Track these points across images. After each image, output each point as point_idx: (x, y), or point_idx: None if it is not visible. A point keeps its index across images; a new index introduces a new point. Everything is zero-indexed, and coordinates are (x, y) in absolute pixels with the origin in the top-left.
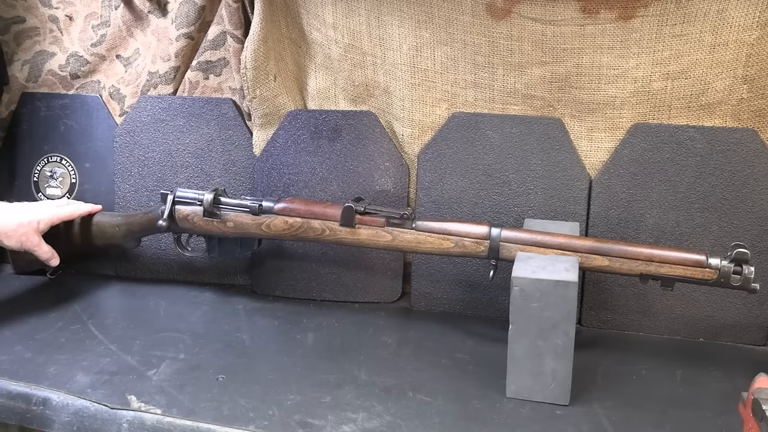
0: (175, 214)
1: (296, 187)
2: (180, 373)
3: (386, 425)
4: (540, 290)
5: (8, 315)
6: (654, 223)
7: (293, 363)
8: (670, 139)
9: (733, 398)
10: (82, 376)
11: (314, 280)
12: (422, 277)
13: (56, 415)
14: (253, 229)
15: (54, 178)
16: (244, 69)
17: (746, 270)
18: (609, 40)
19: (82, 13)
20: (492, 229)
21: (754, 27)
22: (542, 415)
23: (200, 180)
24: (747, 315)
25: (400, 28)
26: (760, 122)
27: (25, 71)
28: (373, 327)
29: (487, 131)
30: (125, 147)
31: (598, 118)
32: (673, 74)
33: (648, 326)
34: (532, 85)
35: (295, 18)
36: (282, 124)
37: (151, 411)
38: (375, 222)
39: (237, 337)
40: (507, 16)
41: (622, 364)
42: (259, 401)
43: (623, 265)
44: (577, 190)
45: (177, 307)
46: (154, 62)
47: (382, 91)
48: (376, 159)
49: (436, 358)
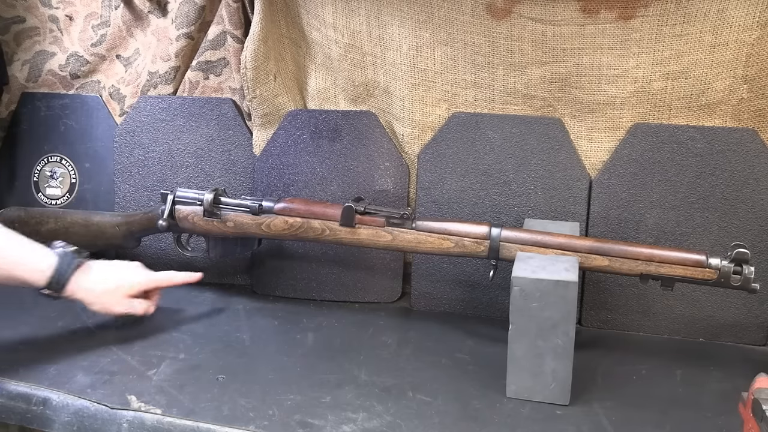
0: (175, 214)
1: (296, 187)
2: (180, 373)
3: (386, 425)
4: (540, 290)
5: (8, 315)
6: (654, 223)
7: (293, 363)
8: (670, 139)
9: (733, 398)
10: (82, 376)
11: (314, 280)
12: (422, 277)
13: (56, 415)
14: (253, 229)
15: (54, 178)
16: (244, 69)
17: (746, 270)
18: (609, 40)
19: (82, 13)
20: (492, 229)
21: (754, 27)
22: (542, 415)
23: (200, 180)
24: (747, 315)
25: (400, 28)
26: (760, 122)
27: (25, 71)
28: (373, 327)
29: (487, 131)
30: (125, 147)
31: (598, 118)
32: (673, 74)
33: (648, 326)
34: (532, 85)
35: (295, 18)
36: (282, 124)
37: (151, 411)
38: (375, 222)
39: (237, 337)
40: (507, 16)
41: (622, 364)
42: (259, 401)
43: (623, 265)
44: (577, 190)
45: (177, 307)
46: (154, 62)
47: (382, 91)
48: (376, 159)
49: (436, 358)
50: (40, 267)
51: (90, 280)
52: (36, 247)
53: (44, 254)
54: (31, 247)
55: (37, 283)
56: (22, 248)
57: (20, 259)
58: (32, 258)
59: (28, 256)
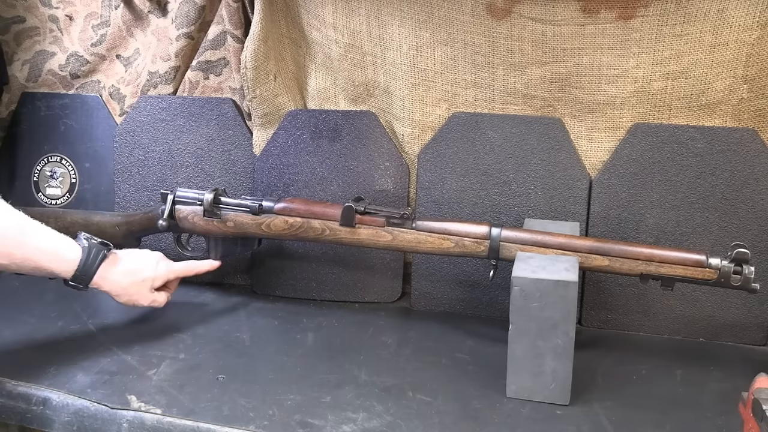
0: (175, 214)
1: (296, 187)
2: (180, 373)
3: (386, 425)
4: (540, 290)
5: (8, 315)
6: (654, 223)
7: (293, 363)
8: (670, 139)
9: (733, 398)
10: (82, 376)
11: (314, 280)
12: (422, 277)
13: (56, 415)
14: (253, 228)
15: (54, 178)
16: (244, 69)
17: (746, 270)
18: (609, 40)
19: (82, 13)
20: (492, 229)
21: (754, 27)
22: (542, 415)
23: (200, 180)
24: (747, 315)
25: (400, 28)
26: (760, 122)
27: (25, 71)
28: (373, 327)
29: (487, 131)
30: (125, 147)
31: (598, 118)
32: (673, 74)
33: (648, 326)
34: (532, 85)
35: (295, 18)
36: (282, 124)
37: (151, 411)
38: (375, 222)
39: (237, 337)
40: (507, 16)
41: (622, 364)
42: (259, 401)
43: (623, 265)
44: (577, 190)
45: (177, 307)
46: (154, 62)
47: (382, 91)
48: (376, 159)
49: (436, 358)
50: (67, 258)
51: (117, 272)
52: (62, 239)
53: (71, 246)
54: (57, 238)
55: (63, 274)
56: (49, 239)
57: (47, 250)
58: (59, 249)
59: (55, 248)
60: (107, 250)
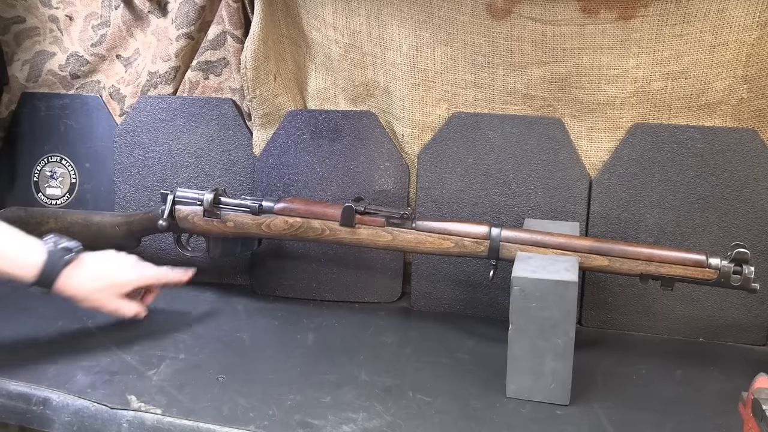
0: (175, 214)
1: (296, 187)
2: (180, 373)
3: (386, 425)
4: (540, 290)
5: (8, 315)
6: (654, 223)
7: (293, 363)
8: (670, 139)
9: (733, 398)
10: (82, 376)
11: (314, 280)
12: (422, 277)
13: (56, 415)
14: (253, 229)
15: (54, 178)
16: (244, 69)
17: (746, 270)
18: (609, 40)
19: (82, 13)
20: (492, 229)
21: (754, 27)
22: (542, 415)
23: (200, 180)
24: (747, 315)
25: (400, 28)
26: (760, 122)
27: (25, 71)
28: (373, 327)
29: (487, 131)
30: (125, 147)
31: (598, 118)
32: (673, 74)
33: (648, 326)
34: (532, 85)
35: (295, 18)
36: (282, 124)
37: (151, 411)
38: (375, 222)
39: (237, 337)
40: (507, 16)
41: (622, 364)
42: (259, 401)
43: (623, 265)
44: (577, 190)
45: (177, 307)
46: (154, 62)
47: (382, 91)
48: (376, 159)
49: (436, 358)
50: (29, 263)
51: (80, 277)
52: (26, 242)
53: (34, 249)
54: (21, 242)
55: (25, 278)
56: (11, 242)
57: (8, 254)
58: (21, 253)
59: (17, 251)
60: (73, 252)
